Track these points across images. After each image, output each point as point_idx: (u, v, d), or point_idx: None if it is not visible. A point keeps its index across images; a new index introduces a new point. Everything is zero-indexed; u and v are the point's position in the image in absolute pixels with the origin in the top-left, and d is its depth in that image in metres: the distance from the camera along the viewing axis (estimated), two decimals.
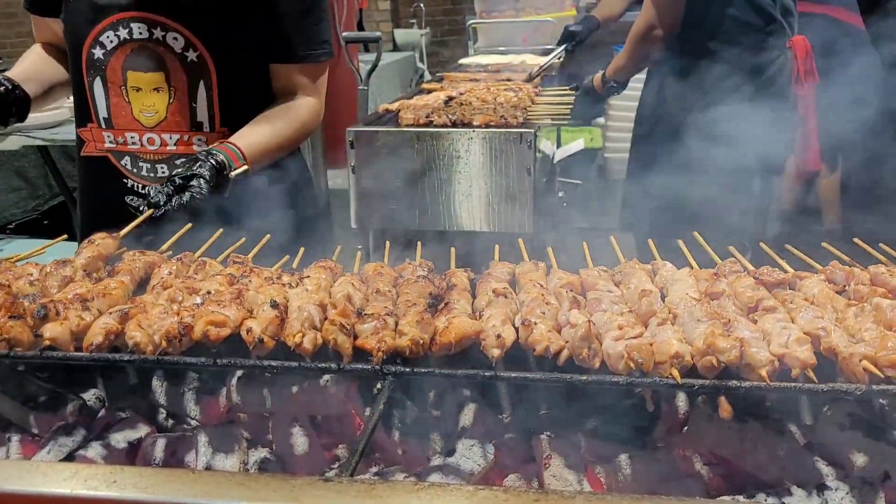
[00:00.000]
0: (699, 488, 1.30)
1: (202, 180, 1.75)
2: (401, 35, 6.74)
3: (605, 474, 1.30)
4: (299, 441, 1.40)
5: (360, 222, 3.01)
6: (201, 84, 1.96)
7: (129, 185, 2.07)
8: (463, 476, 1.26)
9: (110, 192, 2.09)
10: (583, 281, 1.42)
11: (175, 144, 2.02)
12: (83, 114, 2.10)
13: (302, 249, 1.64)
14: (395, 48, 7.00)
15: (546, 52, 4.67)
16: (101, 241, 1.50)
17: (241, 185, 1.92)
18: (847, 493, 1.22)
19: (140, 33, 1.92)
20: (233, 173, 1.82)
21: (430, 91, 3.60)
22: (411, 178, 2.94)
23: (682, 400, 1.45)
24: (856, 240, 1.52)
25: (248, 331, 1.20)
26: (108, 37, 1.95)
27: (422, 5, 6.56)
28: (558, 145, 4.78)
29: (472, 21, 5.44)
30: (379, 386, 1.14)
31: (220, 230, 1.67)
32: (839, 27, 4.03)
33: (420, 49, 6.43)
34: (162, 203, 1.69)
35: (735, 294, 1.34)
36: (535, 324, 1.21)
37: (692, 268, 1.47)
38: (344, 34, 3.80)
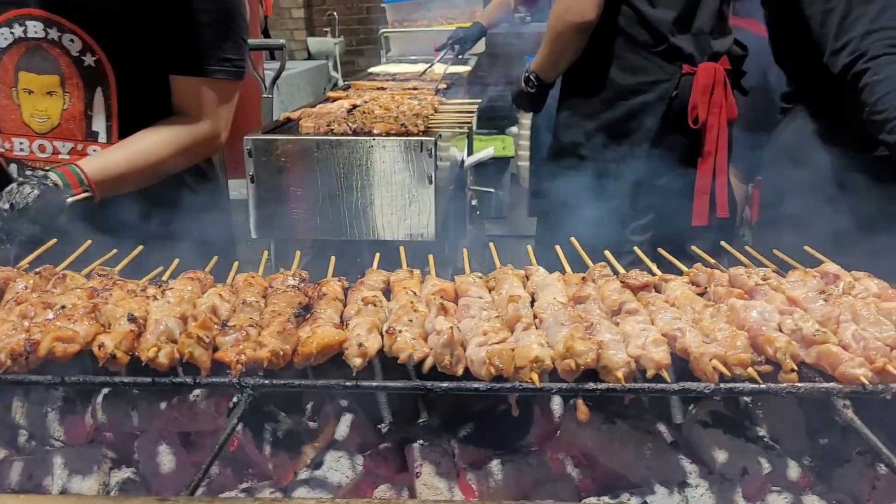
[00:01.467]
0: (570, 490, 1.31)
1: (8, 203, 1.64)
2: (314, 43, 6.68)
3: (477, 481, 1.30)
4: (166, 459, 1.35)
5: (260, 232, 2.95)
6: (98, 91, 1.85)
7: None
8: (330, 489, 1.24)
9: None
10: (457, 287, 1.42)
11: (68, 153, 1.91)
12: None
13: (176, 261, 1.59)
14: (310, 56, 6.94)
15: (456, 62, 4.71)
16: None
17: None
18: (707, 490, 1.25)
19: (35, 32, 1.81)
20: (70, 199, 1.71)
21: (335, 99, 3.57)
22: (312, 187, 2.90)
23: (556, 403, 1.47)
24: (722, 243, 1.57)
25: (101, 346, 1.15)
26: (2, 34, 1.83)
27: (335, 14, 6.51)
28: (469, 153, 4.81)
29: (383, 30, 5.44)
30: (235, 399, 1.10)
31: (89, 241, 1.60)
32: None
33: (334, 57, 6.39)
34: None
35: (602, 298, 1.36)
36: (400, 332, 1.20)
37: (565, 272, 1.49)
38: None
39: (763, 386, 1.10)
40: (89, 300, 1.30)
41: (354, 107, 3.32)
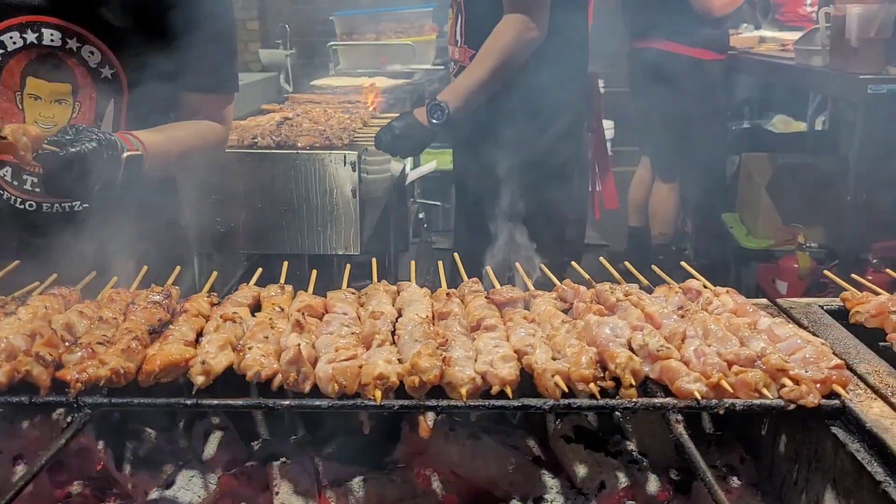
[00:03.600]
0: None
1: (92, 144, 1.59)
2: (266, 55, 6.66)
3: (337, 498, 1.29)
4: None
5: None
6: (111, 102, 1.85)
7: (4, 198, 1.87)
8: None
9: None
10: (327, 303, 1.41)
11: None
12: None
13: (55, 275, 1.56)
14: (264, 69, 6.90)
15: (397, 75, 4.72)
16: None
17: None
18: None
19: (51, 40, 1.78)
20: (125, 154, 1.68)
21: (268, 112, 3.56)
22: (235, 201, 2.89)
23: (430, 419, 1.46)
24: (601, 258, 1.58)
25: None
26: (11, 37, 1.79)
27: (287, 26, 6.50)
28: (415, 166, 4.82)
29: (331, 43, 5.43)
30: (69, 419, 1.08)
31: None
32: (668, 57, 4.27)
33: (286, 69, 6.37)
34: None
35: (467, 313, 1.36)
36: (250, 348, 1.19)
37: (441, 287, 1.49)
38: None
39: (601, 402, 1.11)
40: None
41: (286, 119, 3.31)
